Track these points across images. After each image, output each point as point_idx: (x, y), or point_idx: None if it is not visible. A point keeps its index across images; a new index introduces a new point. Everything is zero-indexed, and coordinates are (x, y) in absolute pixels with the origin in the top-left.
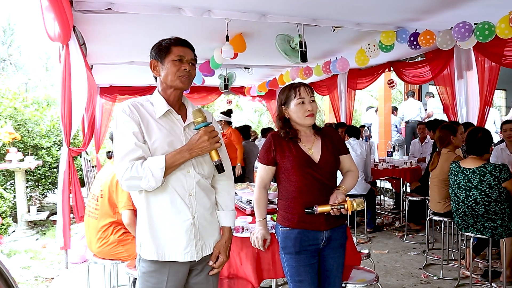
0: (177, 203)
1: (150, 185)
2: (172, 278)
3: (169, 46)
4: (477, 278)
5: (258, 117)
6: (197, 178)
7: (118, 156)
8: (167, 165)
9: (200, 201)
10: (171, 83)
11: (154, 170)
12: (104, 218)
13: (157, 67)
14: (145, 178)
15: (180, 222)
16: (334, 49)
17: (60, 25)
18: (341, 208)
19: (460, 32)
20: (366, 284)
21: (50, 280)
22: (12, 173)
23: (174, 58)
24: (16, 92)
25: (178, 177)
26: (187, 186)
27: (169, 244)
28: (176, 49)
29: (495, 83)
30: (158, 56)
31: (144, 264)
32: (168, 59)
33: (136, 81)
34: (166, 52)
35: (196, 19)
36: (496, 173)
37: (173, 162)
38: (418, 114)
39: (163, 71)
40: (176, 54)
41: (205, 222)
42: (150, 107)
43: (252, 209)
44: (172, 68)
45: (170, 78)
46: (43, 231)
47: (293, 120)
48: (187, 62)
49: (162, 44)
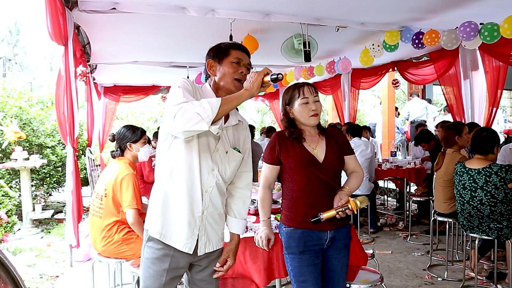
0: (194, 195)
1: (206, 111)
2: (173, 267)
3: (228, 48)
4: (482, 280)
5: (261, 116)
6: (218, 178)
7: (174, 103)
8: (223, 99)
9: (213, 200)
10: (226, 84)
11: (210, 99)
12: (109, 217)
13: (214, 67)
14: (200, 105)
15: (191, 213)
16: (338, 49)
17: (55, 26)
18: (346, 210)
19: (465, 32)
20: (371, 284)
21: (55, 278)
22: (17, 172)
23: (233, 60)
24: (21, 91)
25: (203, 171)
26: (207, 183)
27: (174, 228)
28: (235, 52)
29: (502, 83)
30: (216, 57)
31: (148, 250)
32: (226, 61)
33: (140, 80)
34: (225, 54)
35: (200, 19)
36: (502, 173)
37: (229, 97)
38: (424, 114)
39: (219, 71)
40: (235, 56)
41: (212, 220)
42: (201, 93)
43: (256, 209)
44: (230, 70)
45: (226, 79)
46: (48, 230)
47: (298, 120)
48: (244, 65)
49: (221, 46)
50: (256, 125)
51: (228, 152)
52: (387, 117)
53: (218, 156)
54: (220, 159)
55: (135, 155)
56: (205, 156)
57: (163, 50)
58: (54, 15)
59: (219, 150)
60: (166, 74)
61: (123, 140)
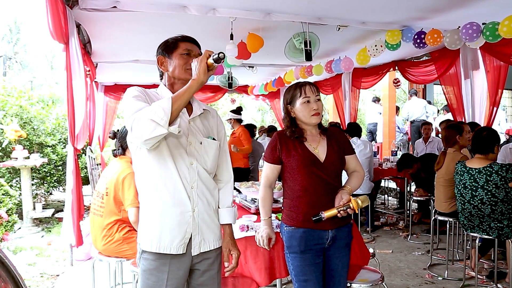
0: (179, 195)
1: (159, 115)
2: (172, 276)
3: (176, 42)
4: (483, 279)
5: (262, 115)
6: (199, 171)
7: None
8: (173, 97)
9: (202, 196)
10: (180, 75)
11: (160, 101)
12: (109, 216)
13: (165, 62)
14: (152, 110)
15: (180, 214)
16: (339, 48)
17: (56, 24)
18: (347, 209)
19: (468, 34)
20: (372, 284)
21: (56, 277)
22: (18, 171)
23: (182, 52)
24: (21, 90)
25: (181, 169)
26: (189, 178)
27: (166, 236)
28: (183, 44)
29: (503, 83)
30: (165, 52)
31: (144, 262)
32: (175, 54)
33: (141, 79)
34: (174, 47)
35: (201, 18)
36: (502, 173)
37: (178, 93)
38: (423, 113)
39: (170, 65)
40: (184, 48)
41: (207, 217)
42: (157, 96)
43: (257, 208)
44: (180, 61)
45: (178, 71)
46: (48, 228)
47: (299, 119)
48: (194, 56)
49: (169, 41)
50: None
51: (202, 142)
52: (388, 116)
53: (193, 148)
54: (196, 151)
55: None
56: (179, 153)
57: None
58: (55, 13)
59: (192, 142)
60: None
61: (124, 139)
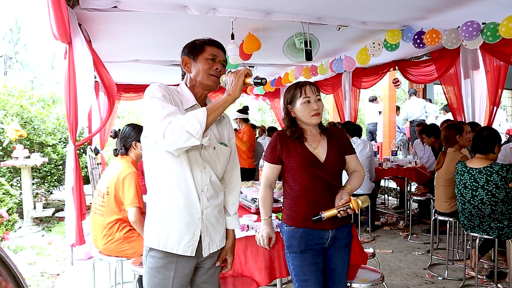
0: (191, 196)
1: (195, 128)
2: (179, 274)
3: (203, 45)
4: (483, 279)
5: (261, 115)
6: (211, 175)
7: (158, 117)
8: (208, 110)
9: (211, 198)
10: (202, 80)
11: (196, 113)
12: (110, 215)
13: (189, 64)
14: (188, 121)
15: (190, 215)
16: (339, 48)
17: (60, 25)
18: (347, 209)
19: (468, 31)
20: (371, 283)
21: (56, 276)
22: (18, 170)
23: (207, 57)
24: (22, 89)
25: (195, 172)
26: (201, 182)
27: (174, 235)
28: (210, 49)
29: (503, 83)
30: (191, 54)
31: (151, 259)
32: (201, 57)
33: (141, 79)
34: (200, 50)
35: (202, 18)
36: (503, 173)
37: (213, 106)
38: (423, 113)
39: (194, 68)
40: (210, 53)
41: (213, 219)
42: (178, 95)
43: (257, 208)
44: (204, 66)
45: (201, 76)
46: (48, 228)
47: (299, 119)
48: (219, 62)
49: (196, 43)
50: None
51: (216, 147)
52: (388, 116)
53: (207, 153)
54: (210, 155)
55: (139, 154)
56: (194, 157)
57: (164, 48)
58: (58, 13)
59: (207, 147)
60: (167, 72)
61: (128, 139)
